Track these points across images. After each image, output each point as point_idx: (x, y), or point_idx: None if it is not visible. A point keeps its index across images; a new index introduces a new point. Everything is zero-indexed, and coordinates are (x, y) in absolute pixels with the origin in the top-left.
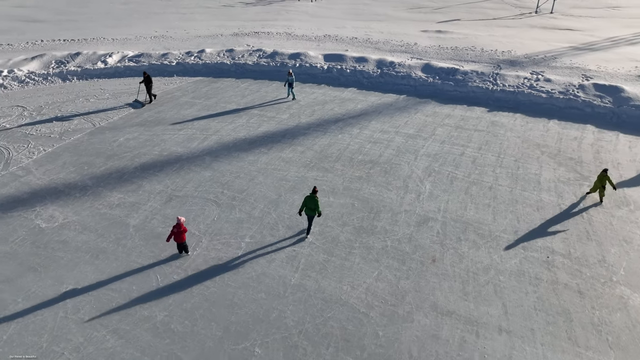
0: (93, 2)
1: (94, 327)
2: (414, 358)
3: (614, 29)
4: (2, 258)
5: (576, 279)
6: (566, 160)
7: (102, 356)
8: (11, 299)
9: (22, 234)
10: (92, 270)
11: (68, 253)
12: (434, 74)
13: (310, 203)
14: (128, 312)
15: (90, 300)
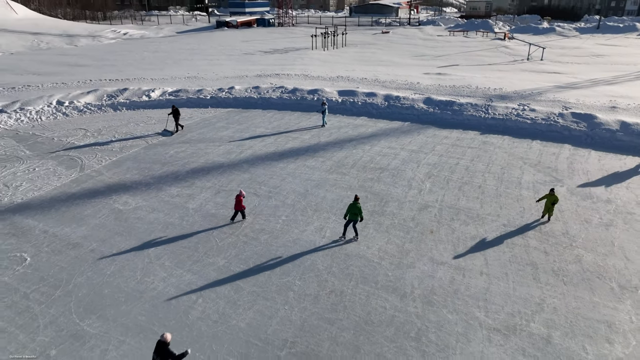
0: (126, 51)
1: (173, 268)
2: (415, 288)
3: (595, 72)
4: (95, 227)
5: (543, 244)
6: (544, 169)
7: (183, 284)
8: (108, 251)
9: (106, 212)
10: (164, 235)
11: (144, 225)
12: (434, 105)
13: (353, 209)
14: (197, 259)
15: (168, 252)
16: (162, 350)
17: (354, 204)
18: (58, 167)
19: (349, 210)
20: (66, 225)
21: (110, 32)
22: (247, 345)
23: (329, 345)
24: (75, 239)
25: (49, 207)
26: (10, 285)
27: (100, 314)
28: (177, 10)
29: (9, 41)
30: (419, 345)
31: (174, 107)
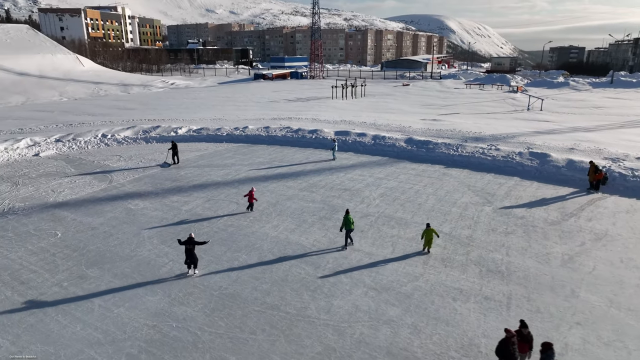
0: (170, 98)
1: (158, 245)
2: (329, 263)
3: (582, 121)
4: (110, 218)
5: (446, 242)
6: (483, 194)
7: (162, 253)
8: (115, 232)
9: (120, 210)
10: (158, 225)
11: (145, 218)
12: (412, 144)
13: (347, 220)
14: (176, 239)
15: (157, 235)
16: (191, 241)
17: (347, 216)
18: (93, 180)
19: (345, 223)
20: (90, 216)
21: (160, 82)
22: (194, 287)
23: (250, 290)
24: (94, 225)
25: (79, 205)
26: (45, 248)
27: (100, 267)
28: (223, 64)
29: (75, 89)
30: (313, 294)
31: (173, 142)
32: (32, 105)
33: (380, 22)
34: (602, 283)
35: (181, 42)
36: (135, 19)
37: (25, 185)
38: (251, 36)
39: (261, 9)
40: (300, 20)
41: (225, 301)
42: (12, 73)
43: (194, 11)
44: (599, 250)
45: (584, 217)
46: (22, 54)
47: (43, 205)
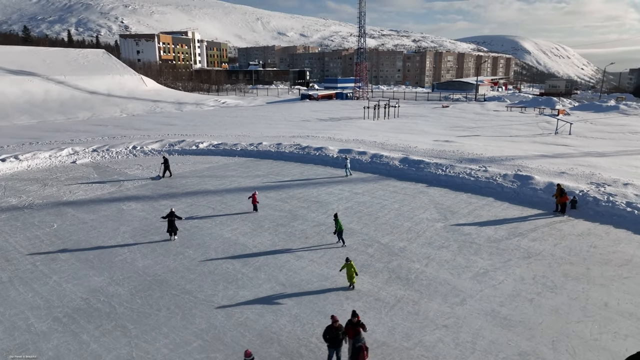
0: (213, 115)
1: (135, 236)
2: (258, 263)
3: (604, 146)
4: (102, 215)
5: (377, 252)
6: (446, 212)
7: (136, 243)
8: (101, 226)
9: (114, 209)
10: (140, 223)
11: (132, 217)
12: (406, 163)
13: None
14: (152, 234)
15: (135, 230)
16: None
17: (336, 220)
18: (106, 184)
19: (336, 226)
20: (86, 213)
21: (212, 101)
22: (134, 272)
23: (177, 279)
24: (86, 220)
25: (84, 204)
26: (39, 236)
27: (71, 253)
28: (279, 84)
29: (135, 106)
30: (227, 285)
31: (164, 157)
32: (94, 120)
33: (449, 43)
34: (497, 295)
35: (249, 63)
36: (203, 43)
37: (51, 187)
38: (312, 58)
39: (330, 31)
40: (369, 42)
41: (152, 285)
42: (84, 92)
43: (266, 34)
44: (518, 267)
45: (530, 238)
46: (95, 75)
47: (56, 203)
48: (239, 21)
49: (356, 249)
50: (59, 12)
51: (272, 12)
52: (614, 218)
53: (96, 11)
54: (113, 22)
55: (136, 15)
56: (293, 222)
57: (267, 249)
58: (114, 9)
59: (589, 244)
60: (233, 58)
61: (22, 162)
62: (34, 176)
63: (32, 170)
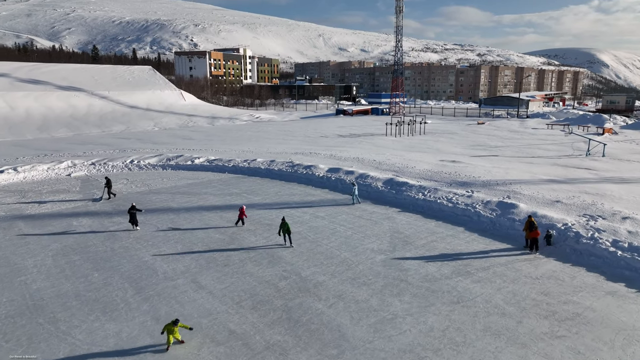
0: (238, 130)
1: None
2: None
3: (632, 171)
4: (49, 234)
5: (292, 285)
6: (399, 242)
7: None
8: (34, 239)
9: (64, 223)
10: (76, 238)
11: (73, 232)
12: (388, 185)
13: (284, 226)
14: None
15: (68, 245)
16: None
17: (283, 222)
18: (78, 198)
19: (281, 227)
20: (33, 227)
21: (246, 116)
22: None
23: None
24: (26, 231)
25: (39, 218)
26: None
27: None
28: (322, 99)
29: (170, 120)
30: (104, 313)
31: (106, 178)
32: (126, 133)
33: (517, 57)
34: (385, 349)
35: (296, 79)
36: (254, 59)
37: (27, 198)
38: (363, 73)
39: (391, 46)
40: (430, 57)
41: (25, 311)
42: (125, 106)
43: (327, 50)
44: (435, 315)
45: (475, 278)
46: (137, 90)
47: (13, 216)
48: (301, 38)
49: (268, 281)
50: (137, 32)
51: (334, 28)
52: (591, 259)
53: (169, 30)
54: (183, 40)
55: (205, 34)
56: (227, 245)
57: (174, 277)
58: (185, 28)
59: (541, 291)
60: (290, 73)
61: (19, 174)
62: (20, 188)
63: (24, 182)
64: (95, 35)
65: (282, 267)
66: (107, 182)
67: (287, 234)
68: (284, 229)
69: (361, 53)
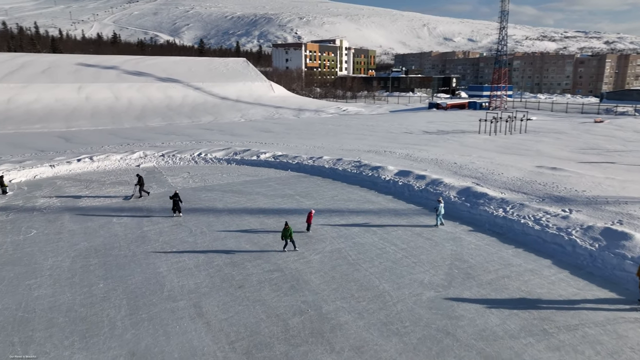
0: (318, 123)
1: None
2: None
3: None
4: (84, 230)
5: (304, 324)
6: (459, 274)
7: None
8: (83, 225)
9: (103, 220)
10: (112, 229)
11: (112, 223)
12: (463, 196)
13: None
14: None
15: (106, 231)
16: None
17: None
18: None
19: (283, 234)
20: (76, 222)
21: (333, 109)
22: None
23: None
24: (67, 229)
25: (86, 211)
26: (5, 244)
27: (22, 263)
28: (417, 92)
29: (257, 112)
30: (85, 337)
31: (138, 175)
32: (212, 124)
33: None
34: None
35: (392, 70)
36: (351, 50)
37: (88, 188)
38: (465, 64)
39: (502, 35)
40: (547, 46)
41: (6, 325)
42: (216, 97)
43: (431, 40)
44: None
45: (554, 343)
46: (230, 82)
47: (65, 208)
48: (405, 28)
49: (279, 315)
50: (246, 26)
51: (440, 17)
52: None
53: (275, 24)
54: (288, 33)
55: (309, 27)
56: (252, 259)
57: (178, 297)
58: (290, 21)
59: None
60: (389, 65)
61: (94, 163)
62: (88, 177)
63: (96, 171)
64: (210, 30)
65: (303, 296)
66: (138, 179)
67: (289, 239)
68: (286, 235)
69: (468, 43)
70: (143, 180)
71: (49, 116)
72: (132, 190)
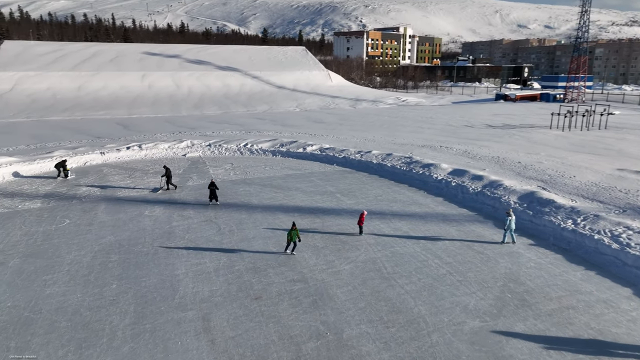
0: (376, 115)
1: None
2: None
3: None
4: (115, 223)
5: (319, 354)
6: (513, 299)
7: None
8: (113, 215)
9: (136, 212)
10: (138, 223)
11: (136, 228)
12: (526, 202)
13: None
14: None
15: (134, 227)
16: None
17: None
18: (178, 180)
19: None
20: (109, 213)
21: (392, 99)
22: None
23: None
24: (98, 220)
25: (121, 202)
26: (37, 233)
27: (45, 256)
28: (484, 82)
29: (313, 101)
30: (78, 347)
31: (165, 167)
32: (266, 113)
33: None
34: None
35: (458, 59)
36: (415, 38)
37: (131, 177)
38: (539, 52)
39: (584, 20)
40: (637, 32)
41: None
42: (273, 86)
43: (504, 27)
44: None
45: None
46: (287, 71)
47: (102, 197)
48: (475, 15)
49: (292, 337)
50: (311, 15)
51: (514, 3)
52: None
53: (340, 12)
54: (353, 21)
55: (374, 15)
56: (275, 267)
57: (188, 305)
58: (355, 9)
59: None
60: (456, 53)
61: (142, 152)
62: (133, 166)
63: (143, 159)
64: (276, 19)
65: (324, 314)
66: (166, 171)
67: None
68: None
69: (544, 30)
70: (170, 172)
71: (114, 103)
72: (159, 183)
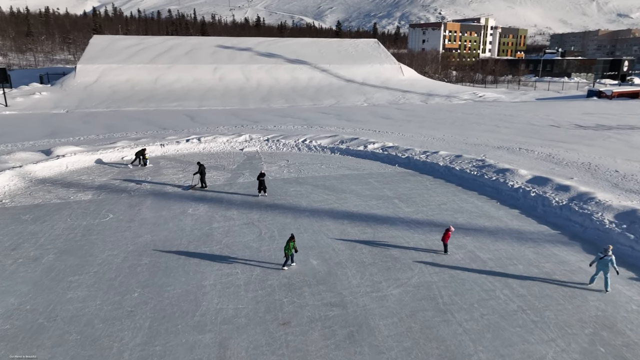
0: (448, 111)
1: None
2: None
3: None
4: (157, 220)
5: None
6: (598, 348)
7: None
8: (159, 213)
9: (179, 210)
10: (172, 224)
11: (177, 228)
12: (625, 222)
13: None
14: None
15: (156, 228)
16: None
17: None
18: (230, 177)
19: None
20: (152, 210)
21: (468, 94)
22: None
23: None
24: (140, 217)
25: (166, 197)
26: (76, 228)
27: (79, 254)
28: (574, 77)
29: (382, 95)
30: None
31: (199, 163)
32: (332, 108)
33: None
34: None
35: (545, 52)
36: (497, 30)
37: (185, 171)
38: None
39: None
40: None
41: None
42: (342, 79)
43: (600, 17)
44: None
45: None
46: (357, 64)
47: (150, 192)
48: (567, 4)
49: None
50: (388, 8)
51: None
52: None
53: (418, 4)
54: (432, 13)
55: (454, 6)
56: (311, 286)
57: (207, 326)
58: (434, 1)
59: None
60: (543, 46)
61: (200, 145)
62: (189, 159)
63: (200, 153)
64: (352, 12)
65: (361, 354)
66: (199, 168)
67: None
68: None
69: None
70: (204, 169)
71: (187, 95)
72: (192, 180)
